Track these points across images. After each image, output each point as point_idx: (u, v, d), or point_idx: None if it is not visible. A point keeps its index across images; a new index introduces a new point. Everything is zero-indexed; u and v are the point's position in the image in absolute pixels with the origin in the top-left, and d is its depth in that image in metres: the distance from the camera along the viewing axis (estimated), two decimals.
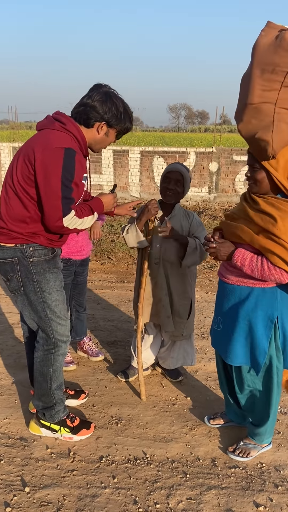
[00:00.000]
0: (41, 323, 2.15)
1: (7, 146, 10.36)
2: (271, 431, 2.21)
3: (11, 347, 3.31)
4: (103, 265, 5.45)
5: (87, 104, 1.97)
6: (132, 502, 1.93)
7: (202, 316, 3.95)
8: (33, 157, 1.88)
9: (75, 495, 1.96)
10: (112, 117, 2.00)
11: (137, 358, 2.64)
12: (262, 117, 1.70)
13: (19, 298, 2.14)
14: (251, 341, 2.00)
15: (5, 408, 2.57)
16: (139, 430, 2.39)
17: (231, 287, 2.02)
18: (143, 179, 10.04)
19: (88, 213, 2.03)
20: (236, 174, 9.82)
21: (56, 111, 2.06)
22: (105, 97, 1.97)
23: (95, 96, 1.96)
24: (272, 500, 1.95)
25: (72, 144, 1.93)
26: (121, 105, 2.01)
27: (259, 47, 1.66)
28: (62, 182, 1.86)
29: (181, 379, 2.88)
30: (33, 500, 1.92)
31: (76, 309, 3.07)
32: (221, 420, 2.43)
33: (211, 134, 19.85)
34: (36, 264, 2.05)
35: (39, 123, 2.03)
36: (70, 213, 1.92)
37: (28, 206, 1.96)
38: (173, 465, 2.15)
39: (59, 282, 2.15)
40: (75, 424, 2.31)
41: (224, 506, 1.92)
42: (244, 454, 2.19)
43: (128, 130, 2.11)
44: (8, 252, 2.03)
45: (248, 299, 1.96)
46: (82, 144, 2.02)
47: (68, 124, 1.96)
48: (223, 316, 2.10)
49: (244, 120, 1.76)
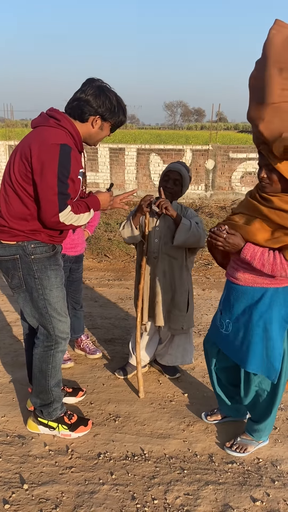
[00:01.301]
0: (42, 320, 2.15)
1: (2, 144, 10.32)
2: (270, 428, 2.22)
3: (8, 346, 3.32)
4: (100, 263, 5.45)
5: (81, 98, 1.97)
6: (130, 498, 1.94)
7: (199, 313, 3.96)
8: (29, 154, 1.88)
9: (73, 492, 1.97)
10: (106, 111, 2.01)
11: (136, 355, 2.65)
12: (285, 116, 1.66)
13: (20, 295, 2.14)
14: (266, 344, 1.95)
15: (3, 406, 2.57)
16: (137, 427, 2.40)
17: (243, 289, 1.98)
18: (139, 176, 10.03)
19: (84, 210, 2.03)
20: (233, 171, 9.83)
21: (50, 107, 2.06)
22: (98, 91, 1.98)
23: (89, 90, 1.97)
24: (269, 495, 1.97)
25: (67, 140, 1.94)
26: (114, 98, 2.02)
27: (274, 46, 1.62)
28: (58, 178, 1.87)
29: (178, 376, 2.90)
30: (31, 497, 1.93)
31: (73, 307, 3.07)
32: (218, 416, 2.45)
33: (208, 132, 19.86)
34: (37, 261, 2.06)
35: (33, 121, 2.04)
36: (66, 209, 1.92)
37: (28, 203, 1.97)
38: (170, 461, 2.16)
39: (60, 279, 2.16)
40: (73, 421, 2.32)
41: (221, 501, 1.93)
42: (241, 450, 2.20)
43: (122, 123, 2.13)
44: (10, 249, 2.04)
45: (261, 300, 1.93)
46: (77, 140, 2.02)
47: (62, 120, 1.97)
48: (234, 319, 2.04)
49: (265, 119, 1.71)
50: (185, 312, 2.67)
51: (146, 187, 10.06)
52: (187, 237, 2.44)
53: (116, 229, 6.89)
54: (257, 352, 1.97)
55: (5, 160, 10.35)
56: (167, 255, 2.58)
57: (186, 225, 2.44)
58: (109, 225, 7.12)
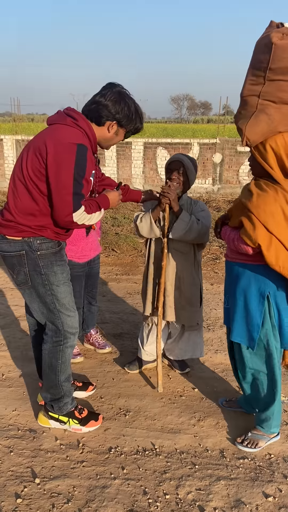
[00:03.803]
0: (50, 316, 2.15)
1: (9, 138, 10.32)
2: (278, 418, 2.21)
3: (18, 340, 3.32)
4: (107, 257, 5.44)
5: (100, 102, 1.97)
6: (142, 493, 1.94)
7: (208, 308, 3.94)
8: (45, 151, 1.87)
9: (85, 486, 1.97)
10: (123, 117, 2.00)
11: (157, 350, 2.61)
12: (248, 108, 1.89)
13: (26, 291, 2.14)
14: (246, 316, 2.09)
15: (14, 400, 2.58)
16: (147, 422, 2.40)
17: (230, 264, 2.16)
18: (146, 171, 9.99)
19: (96, 209, 2.04)
20: (240, 165, 9.75)
21: (67, 107, 2.07)
22: (118, 97, 1.97)
23: (109, 95, 1.96)
24: (281, 490, 1.96)
25: (84, 140, 1.93)
26: (133, 105, 2.02)
27: (255, 46, 1.86)
28: (74, 178, 1.86)
29: (188, 370, 2.89)
30: (43, 491, 1.94)
31: (89, 301, 3.07)
32: (234, 404, 2.51)
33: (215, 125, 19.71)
34: (43, 257, 2.05)
35: (50, 118, 2.03)
36: (80, 209, 1.93)
37: (38, 199, 1.95)
38: (181, 456, 2.16)
39: (66, 275, 2.15)
40: (84, 415, 2.33)
41: (233, 496, 1.92)
42: (252, 445, 2.19)
43: (138, 130, 2.13)
44: (16, 245, 2.03)
45: (243, 276, 2.07)
46: (92, 141, 2.02)
47: (80, 120, 1.96)
48: (228, 293, 2.22)
49: (237, 111, 1.98)
50: (199, 307, 2.66)
51: (153, 182, 10.01)
52: (184, 232, 2.46)
53: (123, 224, 6.87)
54: (239, 322, 2.12)
55: (12, 155, 10.35)
56: (175, 250, 2.56)
57: (184, 221, 2.44)
58: (116, 220, 7.11)
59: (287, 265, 1.88)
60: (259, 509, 1.86)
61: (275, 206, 1.84)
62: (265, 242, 1.86)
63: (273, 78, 1.79)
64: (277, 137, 1.85)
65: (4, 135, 10.50)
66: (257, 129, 1.84)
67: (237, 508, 1.86)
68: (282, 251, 1.87)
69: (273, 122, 1.82)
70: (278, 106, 1.83)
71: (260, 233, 1.86)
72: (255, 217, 1.86)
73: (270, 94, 1.82)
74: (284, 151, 1.85)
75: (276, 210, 1.84)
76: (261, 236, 1.86)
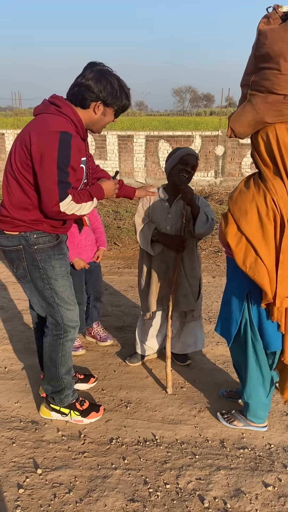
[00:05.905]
0: (50, 310, 2.16)
1: (11, 133, 10.31)
2: (257, 410, 2.21)
3: (20, 333, 3.35)
4: (109, 251, 5.45)
5: (81, 84, 1.90)
6: (143, 483, 1.96)
7: (210, 300, 3.95)
8: (29, 142, 1.85)
9: (86, 476, 1.99)
10: (107, 96, 1.93)
11: (166, 350, 2.58)
12: (241, 98, 1.84)
13: (26, 285, 2.15)
14: (227, 311, 2.10)
15: (16, 392, 2.61)
16: (148, 413, 2.42)
17: (226, 258, 2.15)
18: (148, 164, 9.96)
19: (87, 199, 1.99)
20: (243, 157, 9.70)
21: (52, 94, 2.01)
22: (99, 75, 1.90)
23: (89, 74, 1.89)
24: (281, 480, 1.97)
25: (68, 128, 1.88)
26: (116, 82, 1.94)
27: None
28: (57, 166, 1.82)
29: (189, 362, 2.90)
30: (45, 481, 1.96)
31: (95, 297, 3.07)
32: (234, 395, 2.54)
33: (217, 117, 19.58)
34: (40, 251, 2.05)
35: (36, 108, 1.99)
36: (66, 198, 1.88)
37: (29, 192, 1.94)
38: (182, 446, 2.18)
39: (65, 268, 2.15)
40: (85, 407, 2.35)
41: (233, 486, 1.94)
42: (228, 420, 2.31)
43: (126, 107, 2.05)
44: (13, 240, 2.03)
45: (230, 270, 2.10)
46: (79, 127, 1.97)
47: (63, 107, 1.92)
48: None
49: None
50: (197, 299, 2.66)
51: (155, 175, 9.99)
52: (204, 230, 2.48)
53: (125, 217, 6.87)
54: (222, 316, 2.16)
55: None
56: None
57: (202, 220, 2.46)
58: (118, 213, 7.11)
59: (254, 266, 1.81)
60: (258, 498, 1.88)
61: (251, 205, 1.79)
62: (234, 240, 1.82)
63: (259, 66, 1.71)
64: (268, 128, 1.77)
65: (5, 130, 10.49)
66: (242, 120, 1.78)
67: (237, 497, 1.88)
68: (250, 252, 1.81)
69: (258, 112, 1.75)
70: (264, 95, 1.73)
71: (231, 230, 1.82)
72: (230, 214, 1.82)
73: (257, 84, 1.74)
74: (276, 144, 1.76)
75: (250, 209, 1.79)
76: (231, 233, 1.82)
